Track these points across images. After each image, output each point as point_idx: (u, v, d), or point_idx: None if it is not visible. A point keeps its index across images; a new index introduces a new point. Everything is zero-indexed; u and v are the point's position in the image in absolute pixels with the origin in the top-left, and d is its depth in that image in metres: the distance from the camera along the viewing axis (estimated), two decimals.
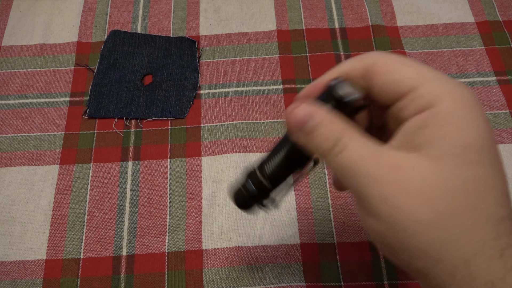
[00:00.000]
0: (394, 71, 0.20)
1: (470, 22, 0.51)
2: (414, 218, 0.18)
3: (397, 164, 0.19)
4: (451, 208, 0.18)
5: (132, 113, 0.45)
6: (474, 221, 0.18)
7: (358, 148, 0.20)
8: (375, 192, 0.19)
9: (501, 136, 0.43)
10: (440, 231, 0.18)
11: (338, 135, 0.20)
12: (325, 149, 0.20)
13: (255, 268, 0.37)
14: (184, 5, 0.53)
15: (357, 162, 0.19)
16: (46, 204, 0.40)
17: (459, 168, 0.18)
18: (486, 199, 0.18)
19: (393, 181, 0.19)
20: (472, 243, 0.18)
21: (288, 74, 0.47)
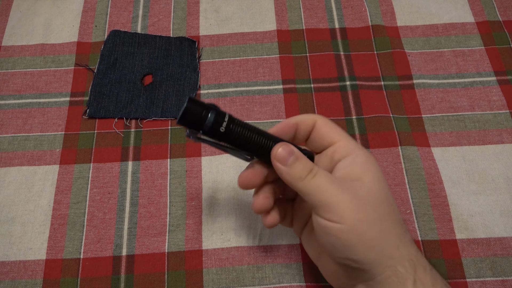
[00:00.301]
0: (329, 126, 0.32)
1: (470, 22, 0.51)
2: (366, 217, 0.27)
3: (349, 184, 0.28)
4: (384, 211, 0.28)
5: (132, 113, 0.45)
6: (395, 219, 0.29)
7: (325, 175, 0.29)
8: (341, 199, 0.27)
9: (501, 136, 0.43)
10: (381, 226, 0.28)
11: (311, 166, 0.29)
12: (303, 174, 0.29)
13: (255, 268, 0.37)
14: (184, 5, 0.53)
15: (327, 181, 0.28)
16: (46, 204, 0.41)
17: (381, 188, 0.29)
18: (396, 208, 0.29)
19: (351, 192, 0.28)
20: (397, 233, 0.28)
21: (288, 74, 0.47)
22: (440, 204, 0.40)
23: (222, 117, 0.28)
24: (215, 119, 0.28)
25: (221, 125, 0.28)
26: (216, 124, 0.28)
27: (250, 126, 0.29)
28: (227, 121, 0.28)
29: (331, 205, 0.27)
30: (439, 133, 0.44)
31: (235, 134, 0.29)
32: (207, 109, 0.28)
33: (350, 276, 0.29)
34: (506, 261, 0.37)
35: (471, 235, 0.38)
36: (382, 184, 0.29)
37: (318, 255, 0.33)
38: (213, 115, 0.28)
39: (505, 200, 0.40)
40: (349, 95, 0.46)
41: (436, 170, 0.41)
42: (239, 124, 0.29)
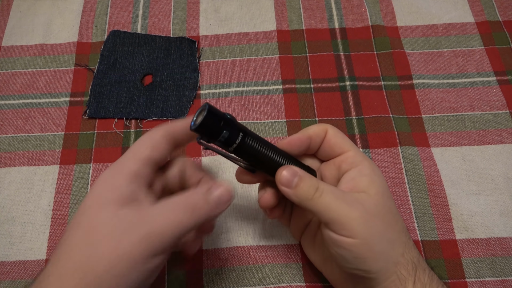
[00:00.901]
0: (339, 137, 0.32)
1: (470, 22, 0.51)
2: (376, 230, 0.28)
3: (356, 198, 0.29)
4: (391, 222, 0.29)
5: (132, 113, 0.45)
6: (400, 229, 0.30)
7: (331, 191, 0.29)
8: (352, 215, 0.28)
9: (501, 136, 0.43)
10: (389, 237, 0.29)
11: (317, 184, 0.29)
12: (310, 194, 0.29)
13: (255, 268, 0.37)
14: (184, 5, 0.53)
15: (335, 199, 0.28)
16: (46, 204, 0.41)
17: (386, 200, 0.30)
18: (399, 218, 0.31)
19: (361, 208, 0.28)
20: (403, 241, 0.30)
21: (288, 74, 0.47)
22: (440, 204, 0.40)
23: (237, 133, 0.28)
24: (230, 134, 0.28)
25: (235, 141, 0.28)
26: (231, 139, 0.28)
27: (262, 141, 0.30)
28: (241, 137, 0.29)
29: (342, 222, 0.28)
30: (439, 133, 0.44)
31: (246, 149, 0.29)
32: (225, 122, 0.28)
33: (357, 282, 0.30)
34: (506, 261, 0.37)
35: (471, 235, 0.38)
36: (386, 196, 0.30)
37: (323, 262, 0.34)
38: (228, 131, 0.28)
39: (505, 200, 0.40)
40: (349, 95, 0.46)
41: (436, 170, 0.41)
42: (252, 139, 0.29)
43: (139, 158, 0.28)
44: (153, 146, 0.29)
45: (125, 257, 0.25)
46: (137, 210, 0.26)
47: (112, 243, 0.25)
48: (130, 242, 0.25)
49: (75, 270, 0.24)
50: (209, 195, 0.28)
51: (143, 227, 0.25)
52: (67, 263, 0.25)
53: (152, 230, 0.25)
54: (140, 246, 0.25)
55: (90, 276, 0.24)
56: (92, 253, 0.25)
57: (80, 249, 0.25)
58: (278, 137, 0.44)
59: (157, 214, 0.26)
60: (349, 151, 0.32)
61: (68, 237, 0.26)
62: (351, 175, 0.31)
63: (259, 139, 0.30)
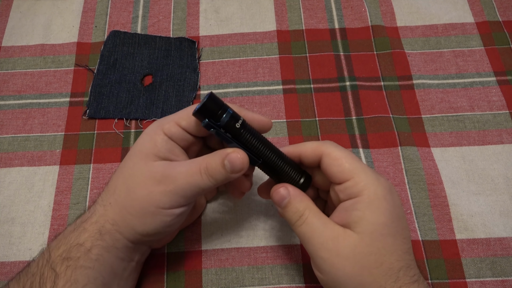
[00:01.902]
0: (340, 164, 0.30)
1: (469, 22, 0.51)
2: (344, 273, 0.28)
3: (336, 236, 0.29)
4: (367, 266, 0.28)
5: (132, 114, 0.45)
6: (380, 272, 0.28)
7: (314, 223, 0.30)
8: (321, 255, 0.29)
9: (500, 137, 0.43)
10: (360, 280, 0.28)
11: (302, 211, 0.30)
12: (292, 220, 0.31)
13: (255, 268, 0.37)
14: (184, 6, 0.53)
15: (311, 232, 0.29)
16: (46, 205, 0.41)
17: (373, 240, 0.28)
18: (389, 258, 0.28)
19: (332, 249, 0.29)
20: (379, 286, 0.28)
21: (288, 75, 0.47)
22: (440, 204, 0.40)
23: (238, 116, 0.30)
24: (232, 114, 0.30)
25: (237, 121, 0.30)
26: (233, 119, 0.30)
27: (259, 136, 0.32)
28: (242, 121, 0.31)
29: (312, 256, 0.30)
30: (439, 134, 0.44)
31: (248, 132, 0.31)
32: (224, 109, 0.30)
33: None
34: (506, 261, 0.37)
35: (471, 235, 0.38)
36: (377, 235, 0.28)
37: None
38: (230, 111, 0.30)
39: (504, 200, 0.40)
40: (349, 95, 0.46)
41: (436, 170, 0.41)
42: (251, 129, 0.31)
43: (179, 124, 0.32)
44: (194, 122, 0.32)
45: (154, 204, 0.30)
46: (168, 167, 0.30)
47: (145, 191, 0.30)
48: (159, 193, 0.29)
49: (116, 204, 0.30)
50: (225, 161, 0.30)
51: (170, 183, 0.29)
52: (110, 198, 0.31)
53: (176, 187, 0.29)
54: (166, 198, 0.30)
55: (125, 211, 0.30)
56: (129, 195, 0.30)
57: (120, 190, 0.31)
58: (278, 137, 0.44)
59: (181, 173, 0.30)
60: (347, 181, 0.30)
61: (113, 179, 0.32)
62: (345, 205, 0.30)
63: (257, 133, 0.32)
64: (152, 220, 0.30)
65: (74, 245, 0.30)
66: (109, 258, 0.30)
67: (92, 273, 0.29)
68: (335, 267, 0.28)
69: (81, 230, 0.30)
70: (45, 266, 0.29)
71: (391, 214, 0.29)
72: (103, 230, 0.30)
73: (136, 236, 0.31)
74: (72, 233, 0.31)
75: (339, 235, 0.29)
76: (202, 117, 0.30)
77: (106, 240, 0.30)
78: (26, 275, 0.30)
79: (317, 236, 0.29)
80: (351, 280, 0.28)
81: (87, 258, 0.29)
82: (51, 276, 0.29)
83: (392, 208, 0.29)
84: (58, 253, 0.30)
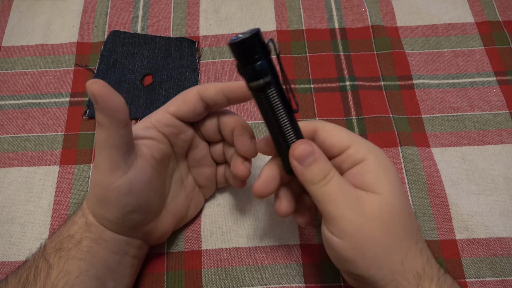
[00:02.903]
0: (337, 134, 0.30)
1: (470, 22, 0.51)
2: (370, 235, 0.26)
3: (360, 196, 0.27)
4: (392, 226, 0.27)
5: (132, 114, 0.45)
6: (404, 233, 0.27)
7: (339, 182, 0.28)
8: (347, 215, 0.27)
9: (500, 137, 0.43)
10: (386, 243, 0.26)
11: (327, 171, 0.28)
12: (317, 178, 0.28)
13: (255, 268, 0.37)
14: (184, 6, 0.53)
15: (337, 192, 0.27)
16: (46, 205, 0.41)
17: (395, 199, 0.27)
18: (409, 218, 0.28)
19: (359, 209, 0.27)
20: (404, 248, 0.27)
21: (288, 75, 0.47)
22: (440, 204, 0.40)
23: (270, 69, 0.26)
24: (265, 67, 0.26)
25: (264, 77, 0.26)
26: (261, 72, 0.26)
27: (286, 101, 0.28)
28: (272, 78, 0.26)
29: (335, 218, 0.27)
30: (439, 134, 0.44)
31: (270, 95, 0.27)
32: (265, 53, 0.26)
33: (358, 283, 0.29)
34: (506, 261, 0.37)
35: (471, 235, 0.38)
36: (396, 194, 0.28)
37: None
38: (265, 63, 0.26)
39: (505, 200, 0.40)
40: (349, 95, 0.46)
41: (436, 170, 0.41)
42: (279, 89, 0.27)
43: (168, 111, 0.32)
44: (183, 102, 0.32)
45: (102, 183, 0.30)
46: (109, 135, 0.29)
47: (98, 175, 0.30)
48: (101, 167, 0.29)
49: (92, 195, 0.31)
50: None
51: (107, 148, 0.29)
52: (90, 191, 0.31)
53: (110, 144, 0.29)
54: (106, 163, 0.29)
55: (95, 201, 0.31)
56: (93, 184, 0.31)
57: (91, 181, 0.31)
58: None
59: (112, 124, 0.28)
60: (348, 149, 0.29)
61: None
62: (353, 172, 0.29)
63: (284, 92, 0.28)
64: (110, 204, 0.30)
65: (65, 236, 0.30)
66: (100, 251, 0.30)
67: (84, 264, 0.29)
68: (362, 228, 0.26)
69: (71, 222, 0.31)
70: (40, 258, 0.30)
71: (396, 175, 0.29)
72: (88, 222, 0.31)
73: (113, 226, 0.31)
74: (64, 227, 0.31)
75: (363, 195, 0.27)
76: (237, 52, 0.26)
77: (93, 232, 0.31)
78: (23, 268, 0.30)
79: (343, 195, 0.27)
80: (377, 243, 0.26)
81: (78, 250, 0.30)
82: (45, 267, 0.29)
83: (394, 170, 0.29)
84: (52, 245, 0.30)
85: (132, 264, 0.34)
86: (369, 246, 0.26)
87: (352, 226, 0.26)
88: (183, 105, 0.32)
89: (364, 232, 0.26)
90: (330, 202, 0.27)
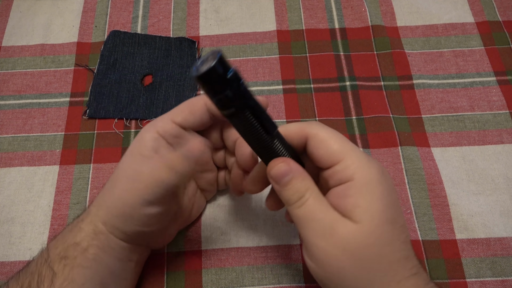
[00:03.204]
0: (327, 146, 0.27)
1: (470, 22, 0.51)
2: (339, 266, 0.25)
3: (335, 223, 0.26)
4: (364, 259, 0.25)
5: (132, 114, 0.45)
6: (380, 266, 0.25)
7: (313, 206, 0.26)
8: (317, 243, 0.26)
9: (501, 137, 0.43)
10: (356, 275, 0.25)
11: (303, 192, 0.27)
12: (292, 200, 0.27)
13: (255, 268, 0.37)
14: (184, 6, 0.53)
15: (309, 217, 0.26)
16: (46, 205, 0.41)
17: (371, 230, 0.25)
18: (388, 250, 0.26)
19: (329, 237, 0.26)
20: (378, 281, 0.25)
21: (288, 75, 0.47)
22: (440, 204, 0.40)
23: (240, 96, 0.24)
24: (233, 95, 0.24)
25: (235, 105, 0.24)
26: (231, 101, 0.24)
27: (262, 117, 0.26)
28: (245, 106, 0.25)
29: (307, 243, 0.27)
30: (439, 133, 0.44)
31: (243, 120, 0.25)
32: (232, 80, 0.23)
33: None
34: (506, 261, 0.37)
35: (471, 235, 0.38)
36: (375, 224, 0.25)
37: None
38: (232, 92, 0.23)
39: (505, 200, 0.40)
40: (349, 95, 0.46)
41: (436, 170, 0.41)
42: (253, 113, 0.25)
43: (174, 120, 0.32)
44: (190, 112, 0.32)
45: (127, 204, 0.29)
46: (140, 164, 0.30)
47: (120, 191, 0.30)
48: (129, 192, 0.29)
49: (104, 204, 0.31)
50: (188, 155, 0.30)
51: (139, 182, 0.29)
52: (100, 198, 0.31)
53: (143, 186, 0.29)
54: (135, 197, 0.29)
55: (109, 212, 0.30)
56: (111, 196, 0.30)
57: (106, 190, 0.31)
58: None
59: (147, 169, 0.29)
60: (337, 164, 0.27)
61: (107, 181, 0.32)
62: (336, 191, 0.27)
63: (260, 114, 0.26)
64: (130, 221, 0.30)
65: (71, 244, 0.30)
66: (106, 258, 0.30)
67: (89, 272, 0.29)
68: (330, 258, 0.26)
69: (77, 229, 0.31)
70: (43, 265, 0.29)
71: (386, 199, 0.26)
72: (96, 230, 0.30)
73: (125, 236, 0.31)
74: (69, 233, 0.31)
75: (338, 223, 0.26)
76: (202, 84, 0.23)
77: (101, 240, 0.30)
78: (25, 274, 0.30)
79: (316, 222, 0.26)
80: (346, 274, 0.25)
81: (84, 258, 0.29)
82: (48, 275, 0.29)
83: (387, 192, 0.26)
84: (56, 252, 0.30)
85: (134, 269, 0.34)
86: (337, 275, 0.26)
87: (322, 253, 0.26)
88: (189, 116, 0.32)
89: (333, 262, 0.26)
90: (303, 227, 0.27)
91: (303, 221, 0.27)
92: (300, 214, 0.27)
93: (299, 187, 0.27)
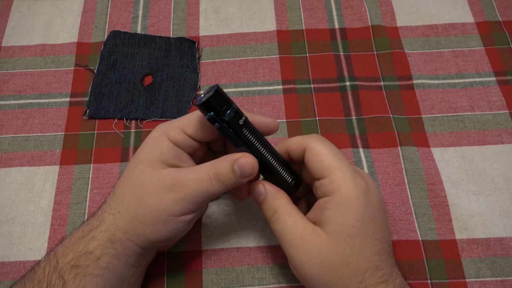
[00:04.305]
0: (320, 160, 0.30)
1: (469, 22, 0.51)
2: (310, 271, 0.29)
3: (305, 234, 0.30)
4: (332, 266, 0.29)
5: (132, 114, 0.45)
6: (346, 273, 0.29)
7: (284, 221, 0.31)
8: (290, 252, 0.30)
9: (500, 137, 0.43)
10: (325, 279, 0.29)
11: (275, 208, 0.31)
12: (267, 216, 0.32)
13: (255, 268, 0.37)
14: (184, 6, 0.53)
15: (282, 229, 0.31)
16: (46, 205, 0.41)
17: (339, 241, 0.29)
18: (356, 259, 0.29)
19: (300, 247, 0.30)
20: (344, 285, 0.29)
21: (288, 75, 0.47)
22: (440, 204, 0.40)
23: (241, 113, 0.30)
24: (237, 110, 0.30)
25: (241, 118, 0.30)
26: (237, 115, 0.30)
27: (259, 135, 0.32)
28: (245, 118, 0.30)
29: (285, 252, 0.31)
30: (439, 134, 0.44)
31: (249, 131, 0.30)
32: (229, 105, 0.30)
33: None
34: (505, 261, 0.37)
35: (471, 235, 0.38)
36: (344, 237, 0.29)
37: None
38: (235, 107, 0.30)
39: (504, 200, 0.40)
40: (349, 95, 0.46)
41: (436, 170, 0.41)
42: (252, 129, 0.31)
43: (185, 131, 0.32)
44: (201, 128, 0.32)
45: (165, 212, 0.30)
46: (178, 174, 0.30)
47: (156, 200, 0.30)
48: (170, 201, 0.30)
49: (126, 213, 0.30)
50: (235, 166, 0.30)
51: (180, 191, 0.30)
52: (119, 206, 0.31)
53: (187, 194, 0.30)
54: (177, 205, 0.30)
55: (136, 220, 0.30)
56: (140, 204, 0.30)
57: (129, 199, 0.31)
58: (278, 137, 0.44)
59: (191, 180, 0.30)
60: (324, 178, 0.30)
61: (120, 187, 0.32)
62: (320, 203, 0.30)
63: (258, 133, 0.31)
64: (165, 228, 0.30)
65: (83, 253, 0.29)
66: (119, 266, 0.30)
67: (101, 281, 0.29)
68: (302, 265, 0.30)
69: (90, 238, 0.30)
70: (53, 273, 0.29)
71: (361, 216, 0.29)
72: (113, 239, 0.30)
73: (149, 244, 0.31)
74: (80, 241, 0.30)
75: (308, 234, 0.30)
76: (206, 110, 0.29)
77: (116, 248, 0.30)
78: (31, 281, 0.29)
79: (288, 234, 0.30)
80: (317, 278, 0.29)
81: (97, 266, 0.29)
82: (59, 283, 0.28)
83: (364, 210, 0.29)
84: (66, 261, 0.29)
85: (142, 273, 0.34)
86: (309, 279, 0.30)
87: (295, 261, 0.30)
88: (200, 130, 0.31)
89: (304, 268, 0.30)
90: (278, 238, 0.31)
91: (278, 233, 0.31)
92: (275, 228, 0.31)
93: (272, 204, 0.32)
